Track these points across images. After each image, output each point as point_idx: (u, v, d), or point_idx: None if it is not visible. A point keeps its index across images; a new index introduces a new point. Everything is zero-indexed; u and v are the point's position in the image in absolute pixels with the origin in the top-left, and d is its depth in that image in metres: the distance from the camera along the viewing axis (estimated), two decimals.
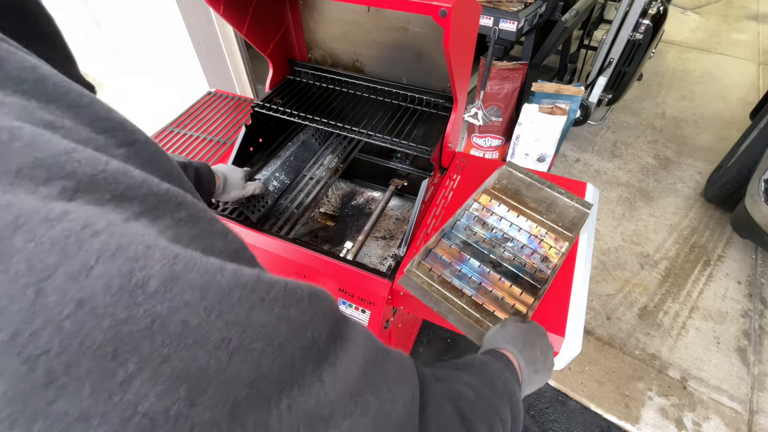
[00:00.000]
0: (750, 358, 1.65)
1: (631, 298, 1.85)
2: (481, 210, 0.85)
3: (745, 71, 3.43)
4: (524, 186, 0.87)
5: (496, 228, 0.83)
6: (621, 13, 2.13)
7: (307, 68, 1.13)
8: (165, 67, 2.27)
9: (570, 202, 0.83)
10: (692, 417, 1.50)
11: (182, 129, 1.23)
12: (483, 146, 2.38)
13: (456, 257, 0.78)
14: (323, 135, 1.25)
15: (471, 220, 0.84)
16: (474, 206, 0.85)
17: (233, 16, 0.88)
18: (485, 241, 0.81)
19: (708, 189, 2.27)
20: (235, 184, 0.88)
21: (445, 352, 1.69)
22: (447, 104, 1.02)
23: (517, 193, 0.88)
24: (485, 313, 0.71)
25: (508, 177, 0.89)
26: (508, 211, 0.85)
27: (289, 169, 1.14)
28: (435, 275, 0.76)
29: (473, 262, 0.77)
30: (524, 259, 0.78)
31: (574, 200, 0.84)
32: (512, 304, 0.72)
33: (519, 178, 0.89)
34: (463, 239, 0.81)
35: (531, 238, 0.81)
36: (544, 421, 1.49)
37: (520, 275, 0.76)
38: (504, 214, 0.84)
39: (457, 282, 0.75)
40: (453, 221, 0.83)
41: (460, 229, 0.83)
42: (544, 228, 0.83)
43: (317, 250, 0.86)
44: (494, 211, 0.85)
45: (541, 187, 0.86)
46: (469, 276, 0.76)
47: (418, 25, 0.94)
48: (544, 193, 0.86)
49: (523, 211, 0.85)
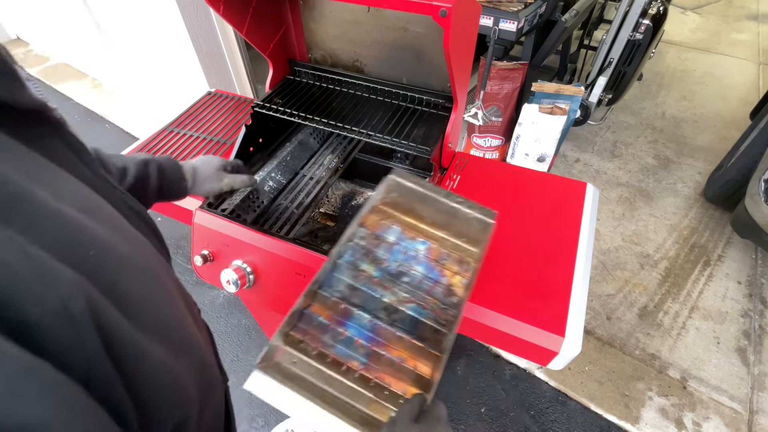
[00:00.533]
0: (750, 358, 1.65)
1: (631, 298, 1.85)
2: (369, 237, 0.67)
3: (745, 71, 3.43)
4: (417, 199, 0.71)
5: (388, 260, 0.66)
6: (621, 13, 2.13)
7: (307, 68, 1.13)
8: (165, 67, 2.27)
9: (471, 212, 0.69)
10: (692, 417, 1.50)
11: (182, 129, 1.23)
12: (483, 146, 2.38)
13: (339, 314, 0.60)
14: (323, 135, 1.26)
15: (357, 255, 0.65)
16: (360, 234, 0.67)
17: (233, 16, 0.88)
18: (375, 281, 0.63)
19: (708, 189, 2.27)
20: (207, 176, 0.81)
21: None
22: (447, 104, 1.02)
23: (410, 207, 0.72)
24: (379, 391, 0.54)
25: (397, 189, 0.72)
26: (402, 232, 0.69)
27: (286, 169, 1.14)
28: (309, 348, 0.57)
29: (362, 315, 0.60)
30: (424, 295, 0.63)
31: (476, 210, 0.70)
32: (414, 367, 0.57)
33: (410, 189, 0.72)
34: (348, 283, 0.63)
35: (430, 265, 0.66)
36: (544, 421, 1.50)
37: (422, 320, 0.60)
38: (396, 239, 0.68)
39: (341, 351, 0.57)
40: (333, 262, 0.64)
41: (344, 270, 0.64)
42: (445, 249, 0.68)
43: (317, 250, 0.86)
44: (385, 238, 0.68)
45: (436, 198, 0.70)
46: (356, 339, 0.58)
47: (418, 25, 0.94)
48: (440, 205, 0.71)
49: (419, 230, 0.70)
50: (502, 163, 1.13)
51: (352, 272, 0.64)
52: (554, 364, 0.76)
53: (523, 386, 1.59)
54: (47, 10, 2.91)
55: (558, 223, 0.91)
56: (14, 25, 3.80)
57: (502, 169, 1.07)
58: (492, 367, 1.65)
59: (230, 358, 1.71)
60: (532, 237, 0.88)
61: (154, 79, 2.47)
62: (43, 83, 3.31)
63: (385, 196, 0.72)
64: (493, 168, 1.06)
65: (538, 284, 0.80)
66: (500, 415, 1.51)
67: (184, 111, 1.30)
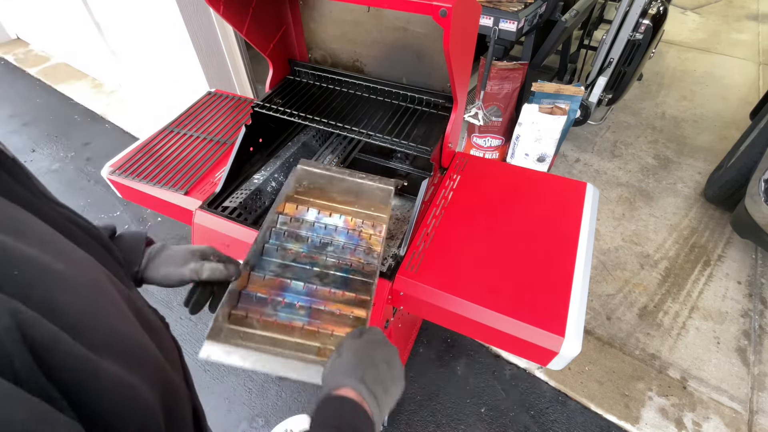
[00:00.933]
0: (750, 358, 1.65)
1: (631, 298, 1.85)
2: (290, 222, 0.75)
3: (745, 71, 3.43)
4: (326, 182, 0.80)
5: (311, 237, 0.74)
6: (621, 13, 2.13)
7: (307, 68, 1.13)
8: (165, 67, 2.27)
9: (373, 184, 0.80)
10: (692, 417, 1.50)
11: (182, 129, 1.23)
12: (483, 146, 2.38)
13: (275, 287, 0.67)
14: (323, 135, 1.25)
15: (281, 238, 0.73)
16: (281, 220, 0.75)
17: (233, 16, 0.88)
18: (303, 255, 0.72)
19: (708, 189, 2.27)
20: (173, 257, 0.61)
21: (445, 352, 1.69)
22: (447, 104, 1.02)
23: (322, 191, 0.81)
24: (325, 338, 0.62)
25: (307, 177, 0.81)
26: (319, 213, 0.78)
27: (288, 171, 1.14)
28: (254, 321, 0.63)
29: (296, 284, 0.68)
30: (348, 258, 0.72)
31: (376, 181, 0.81)
32: (350, 313, 0.65)
33: (318, 174, 0.80)
34: (279, 263, 0.70)
35: (349, 233, 0.76)
36: (544, 421, 1.50)
37: (350, 277, 0.69)
38: (315, 218, 0.77)
39: (283, 316, 0.64)
40: (259, 246, 0.70)
41: (272, 253, 0.71)
42: (359, 218, 0.79)
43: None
44: (305, 219, 0.76)
45: (342, 178, 0.80)
46: (296, 303, 0.65)
47: (418, 25, 0.94)
48: (347, 183, 0.80)
49: (334, 208, 0.79)
50: (502, 163, 1.13)
51: (280, 253, 0.71)
52: (554, 364, 0.76)
53: (523, 386, 1.59)
54: (47, 10, 2.91)
55: (558, 223, 0.91)
56: (14, 25, 3.80)
57: (502, 169, 1.07)
58: (492, 367, 1.65)
59: None
60: (532, 237, 0.88)
61: (154, 79, 2.47)
62: (43, 83, 3.31)
63: (297, 186, 0.80)
64: (493, 168, 1.06)
65: (538, 284, 0.80)
66: (500, 415, 1.51)
67: (184, 111, 1.30)
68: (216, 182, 1.05)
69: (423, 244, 0.87)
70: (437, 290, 0.79)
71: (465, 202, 0.97)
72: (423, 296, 0.80)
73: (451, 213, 0.94)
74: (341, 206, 0.80)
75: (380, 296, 0.81)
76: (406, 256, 0.86)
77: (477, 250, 0.86)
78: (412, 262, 0.84)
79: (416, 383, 1.60)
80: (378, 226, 0.79)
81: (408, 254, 0.86)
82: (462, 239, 0.88)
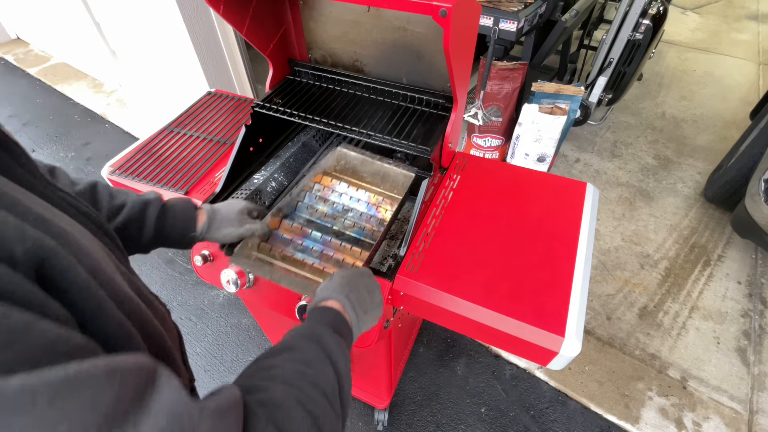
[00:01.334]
0: (750, 358, 1.65)
1: (631, 298, 1.85)
2: (323, 189, 0.93)
3: (745, 71, 3.43)
4: (359, 163, 0.95)
5: (337, 202, 0.91)
6: (621, 13, 2.13)
7: (307, 68, 1.13)
8: (165, 67, 2.27)
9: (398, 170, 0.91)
10: (692, 417, 1.50)
11: (182, 129, 1.23)
12: (483, 146, 2.38)
13: (299, 233, 0.84)
14: (323, 135, 1.25)
15: (313, 200, 0.91)
16: (316, 187, 0.94)
17: (233, 16, 0.88)
18: (327, 215, 0.88)
19: (708, 189, 2.27)
20: (228, 218, 0.74)
21: (445, 352, 1.69)
22: (447, 104, 1.02)
23: (354, 171, 0.97)
24: (327, 276, 0.73)
25: (344, 158, 0.96)
26: (348, 187, 0.94)
27: (288, 171, 1.14)
28: (276, 253, 0.81)
29: (315, 234, 0.84)
30: (364, 224, 0.87)
31: (401, 167, 0.92)
32: (352, 263, 0.79)
33: (353, 156, 0.96)
34: (306, 217, 0.87)
35: (369, 205, 0.91)
36: (544, 421, 1.50)
37: (361, 239, 0.84)
38: (344, 191, 0.93)
39: (299, 255, 0.81)
40: (293, 201, 0.88)
41: (303, 209, 0.89)
42: (381, 197, 0.93)
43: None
44: (335, 189, 0.93)
45: (373, 162, 0.93)
46: (311, 247, 0.82)
47: (418, 25, 0.94)
48: (376, 167, 0.94)
49: (361, 185, 0.94)
50: (502, 163, 1.13)
51: (309, 211, 0.89)
52: (554, 364, 0.76)
53: (523, 386, 1.59)
54: (47, 10, 2.91)
55: (558, 223, 0.91)
56: (14, 25, 3.80)
57: (502, 169, 1.07)
58: (492, 367, 1.65)
59: (230, 358, 1.71)
60: (532, 237, 0.88)
61: (154, 79, 2.47)
62: (43, 83, 3.31)
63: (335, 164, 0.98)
64: (493, 168, 1.06)
65: (538, 284, 0.80)
66: (500, 415, 1.52)
67: (184, 111, 1.30)
68: (216, 182, 1.05)
69: (423, 244, 0.87)
70: (437, 290, 0.79)
71: (465, 202, 0.97)
72: (423, 296, 0.80)
73: (451, 213, 0.94)
74: (368, 184, 0.95)
75: None
76: (406, 256, 0.85)
77: (477, 250, 0.86)
78: (412, 262, 0.84)
79: (416, 383, 1.60)
80: (393, 204, 0.92)
81: (408, 254, 0.86)
82: (462, 239, 0.88)
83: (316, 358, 0.44)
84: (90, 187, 0.59)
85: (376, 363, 1.20)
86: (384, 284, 0.81)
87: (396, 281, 0.82)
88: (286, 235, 0.82)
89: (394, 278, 0.82)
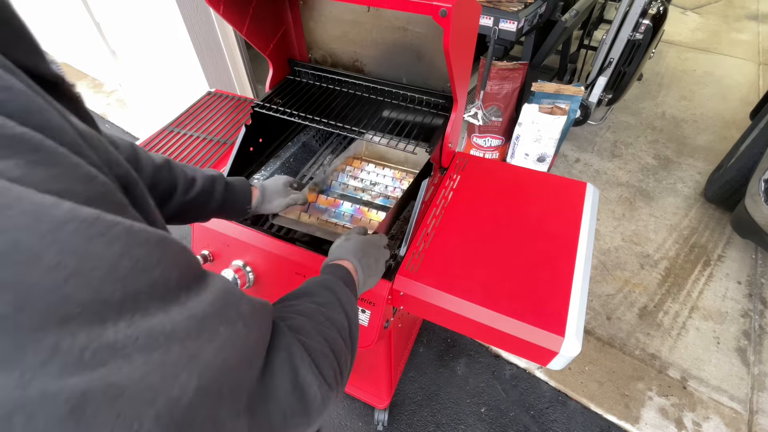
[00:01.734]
0: (750, 358, 1.65)
1: (631, 298, 1.85)
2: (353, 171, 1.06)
3: (745, 71, 3.43)
4: (384, 149, 1.10)
5: (366, 179, 1.04)
6: (621, 13, 2.13)
7: (307, 68, 1.13)
8: (165, 67, 2.27)
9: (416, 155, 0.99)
10: (692, 417, 1.50)
11: (182, 129, 1.23)
12: (483, 146, 2.38)
13: (333, 204, 0.98)
14: (323, 135, 1.26)
15: (345, 178, 1.04)
16: (347, 169, 1.08)
17: (233, 16, 0.88)
18: (357, 189, 1.02)
19: (708, 189, 2.27)
20: (276, 191, 0.86)
21: (445, 352, 1.69)
22: (447, 104, 1.02)
23: (381, 156, 1.12)
24: None
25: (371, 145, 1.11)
26: (375, 167, 1.08)
27: (289, 171, 1.14)
28: (315, 218, 0.95)
29: (347, 204, 0.98)
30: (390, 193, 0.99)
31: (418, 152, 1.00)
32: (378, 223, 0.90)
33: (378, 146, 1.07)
34: (340, 192, 1.01)
35: (395, 179, 1.04)
36: (544, 421, 1.50)
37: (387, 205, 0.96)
38: (372, 170, 1.07)
39: (333, 219, 0.95)
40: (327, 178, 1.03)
41: (336, 186, 1.03)
42: (404, 173, 1.07)
43: (317, 250, 0.86)
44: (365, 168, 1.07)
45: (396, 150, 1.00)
46: (343, 213, 0.96)
47: (418, 25, 0.94)
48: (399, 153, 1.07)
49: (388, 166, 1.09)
50: (502, 163, 1.13)
51: (342, 186, 1.03)
52: (554, 364, 0.76)
53: (523, 386, 1.59)
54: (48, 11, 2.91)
55: (558, 223, 0.91)
56: None
57: (502, 169, 1.07)
58: (492, 367, 1.65)
59: None
60: (532, 237, 0.88)
61: (154, 79, 2.47)
62: None
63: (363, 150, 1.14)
64: (493, 168, 1.06)
65: (538, 284, 0.80)
66: (500, 415, 1.52)
67: (184, 111, 1.30)
68: None
69: (423, 244, 0.87)
70: (437, 290, 0.79)
71: (465, 202, 0.97)
72: (423, 296, 0.80)
73: (451, 213, 0.94)
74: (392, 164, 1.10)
75: (380, 296, 0.81)
76: (406, 256, 0.86)
77: (477, 250, 0.86)
78: (412, 262, 0.84)
79: (416, 383, 1.60)
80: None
81: (408, 254, 0.86)
82: (462, 239, 0.88)
83: (330, 302, 0.51)
84: (166, 161, 0.66)
85: (376, 363, 1.20)
86: (384, 284, 0.81)
87: (396, 281, 0.82)
88: (323, 205, 0.96)
89: (394, 278, 0.82)
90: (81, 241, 0.22)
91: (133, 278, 0.24)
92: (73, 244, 0.21)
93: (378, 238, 0.72)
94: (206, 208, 0.72)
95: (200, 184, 0.69)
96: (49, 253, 0.20)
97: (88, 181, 0.25)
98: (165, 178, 0.64)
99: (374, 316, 0.82)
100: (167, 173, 0.65)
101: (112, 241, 0.23)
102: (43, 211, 0.21)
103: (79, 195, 0.24)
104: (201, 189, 0.69)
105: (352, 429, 1.50)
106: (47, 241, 0.20)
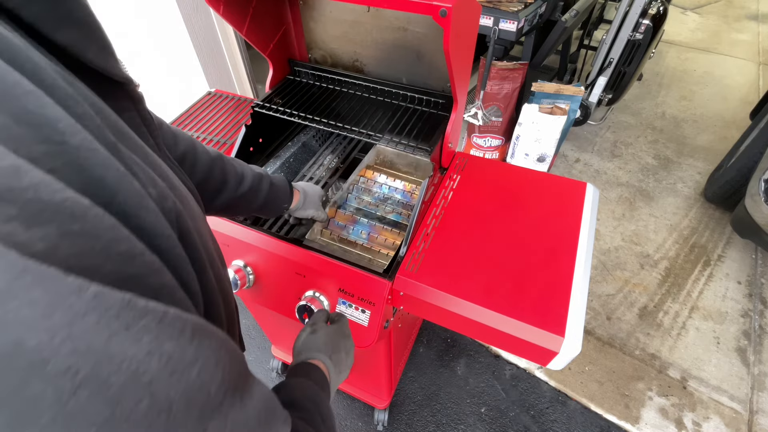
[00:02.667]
0: (750, 358, 1.65)
1: (631, 298, 1.85)
2: (366, 182, 1.10)
3: (745, 71, 3.43)
4: (395, 156, 1.11)
5: (379, 193, 1.07)
6: (621, 13, 2.13)
7: (307, 68, 1.13)
8: (165, 67, 2.27)
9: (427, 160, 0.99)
10: (692, 417, 1.50)
11: (182, 129, 1.23)
12: (483, 146, 2.38)
13: (351, 220, 1.02)
14: (323, 135, 1.26)
15: (360, 192, 1.08)
16: (361, 180, 1.10)
17: (233, 16, 0.88)
18: (371, 204, 1.05)
19: (708, 189, 2.27)
20: (313, 201, 0.89)
21: (445, 352, 1.69)
22: (447, 104, 1.02)
23: (392, 164, 1.14)
24: (374, 253, 0.95)
25: (383, 153, 1.12)
26: (387, 178, 1.10)
27: (289, 171, 1.14)
28: (336, 236, 0.99)
29: (363, 220, 1.02)
30: (401, 210, 1.02)
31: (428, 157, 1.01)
32: (393, 242, 0.94)
33: (390, 151, 1.11)
34: (355, 206, 1.04)
35: (405, 193, 1.07)
36: (544, 421, 1.50)
37: (399, 221, 1.00)
38: (384, 182, 1.10)
39: (352, 237, 0.99)
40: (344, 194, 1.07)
41: (352, 200, 1.07)
42: (413, 184, 1.09)
43: (317, 250, 0.86)
44: (376, 181, 1.10)
45: (406, 154, 1.05)
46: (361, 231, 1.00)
47: (418, 25, 0.94)
48: (409, 159, 1.09)
49: (398, 176, 1.11)
50: (502, 163, 1.13)
51: (357, 201, 1.06)
52: (554, 364, 0.76)
53: (523, 386, 1.59)
54: None
55: (558, 223, 0.91)
56: None
57: (502, 169, 1.07)
58: (492, 367, 1.65)
59: None
60: (532, 237, 0.88)
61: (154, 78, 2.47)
62: None
63: (376, 158, 1.14)
64: (493, 168, 1.06)
65: (538, 284, 0.80)
66: (500, 415, 1.52)
67: (184, 111, 1.30)
68: None
69: (423, 244, 0.87)
70: (437, 290, 0.79)
71: (465, 202, 0.97)
72: (423, 296, 0.80)
73: (451, 213, 0.94)
74: (403, 174, 1.12)
75: (380, 296, 0.81)
76: (406, 256, 0.86)
77: (477, 250, 0.86)
78: (412, 262, 0.84)
79: (416, 383, 1.60)
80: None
81: (408, 254, 0.86)
82: (462, 239, 0.88)
83: (313, 420, 0.48)
84: (220, 155, 0.66)
85: (376, 363, 1.20)
86: (384, 284, 0.81)
87: (396, 281, 0.82)
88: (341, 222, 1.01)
89: (394, 278, 0.82)
90: (101, 338, 0.18)
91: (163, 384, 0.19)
92: (90, 343, 0.17)
93: (343, 325, 0.70)
94: (252, 204, 0.73)
95: (249, 181, 0.70)
96: (58, 355, 0.16)
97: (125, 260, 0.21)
98: (218, 173, 0.64)
99: (374, 316, 0.82)
100: (220, 168, 0.65)
101: (138, 336, 0.19)
102: (59, 302, 0.17)
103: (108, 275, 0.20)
104: (250, 186, 0.70)
105: (352, 429, 1.50)
106: (59, 339, 0.16)
